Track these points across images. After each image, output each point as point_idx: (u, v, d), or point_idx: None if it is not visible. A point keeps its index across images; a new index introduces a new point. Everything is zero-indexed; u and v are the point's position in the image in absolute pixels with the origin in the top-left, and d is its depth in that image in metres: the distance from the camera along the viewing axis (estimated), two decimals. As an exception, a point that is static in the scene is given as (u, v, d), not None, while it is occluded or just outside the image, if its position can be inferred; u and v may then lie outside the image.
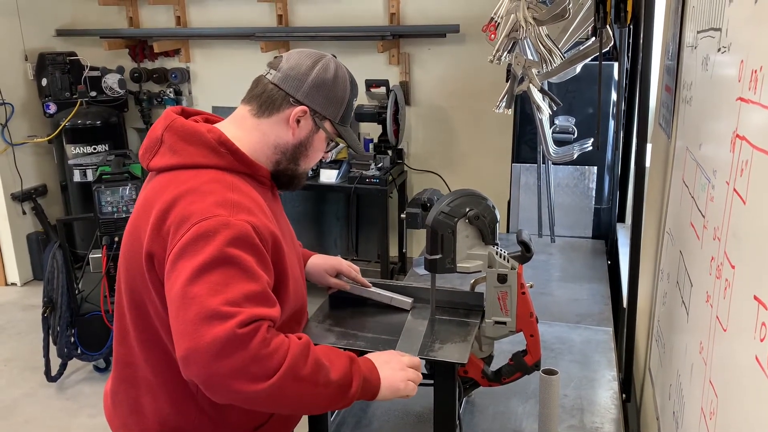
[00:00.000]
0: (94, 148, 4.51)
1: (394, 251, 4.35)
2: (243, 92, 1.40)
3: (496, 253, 1.39)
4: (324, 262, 1.64)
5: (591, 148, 2.25)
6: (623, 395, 1.77)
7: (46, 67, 4.59)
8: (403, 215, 2.22)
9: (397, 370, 1.28)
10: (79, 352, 3.40)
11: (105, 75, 4.70)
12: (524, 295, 1.40)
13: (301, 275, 1.48)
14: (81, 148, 4.50)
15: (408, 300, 1.58)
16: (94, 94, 4.65)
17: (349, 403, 1.24)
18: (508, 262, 1.38)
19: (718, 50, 1.08)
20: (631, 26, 2.30)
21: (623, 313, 2.10)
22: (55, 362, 3.40)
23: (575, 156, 2.25)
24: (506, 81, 1.93)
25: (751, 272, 0.77)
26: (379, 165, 4.09)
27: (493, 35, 1.83)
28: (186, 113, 1.39)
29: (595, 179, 2.87)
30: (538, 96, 1.93)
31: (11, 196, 4.61)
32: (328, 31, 4.34)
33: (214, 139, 1.30)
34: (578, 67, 2.07)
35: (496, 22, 1.83)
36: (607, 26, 1.71)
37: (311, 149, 1.40)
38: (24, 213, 4.70)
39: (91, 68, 4.71)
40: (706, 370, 0.97)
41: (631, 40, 2.57)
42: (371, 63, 4.36)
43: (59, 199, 4.96)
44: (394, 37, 4.22)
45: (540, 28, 1.77)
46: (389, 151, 4.18)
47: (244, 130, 1.36)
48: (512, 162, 3.05)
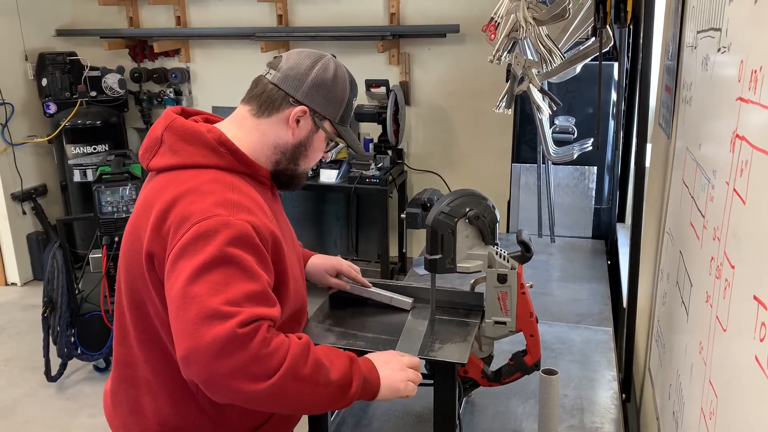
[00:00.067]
0: (94, 148, 4.51)
1: (394, 251, 4.35)
2: (243, 92, 1.40)
3: (496, 253, 1.39)
4: (324, 262, 1.64)
5: (591, 148, 2.25)
6: (623, 395, 1.77)
7: (46, 67, 4.60)
8: (403, 215, 2.22)
9: (397, 371, 1.28)
10: (79, 352, 3.40)
11: (105, 75, 4.70)
12: (524, 295, 1.40)
13: (301, 275, 1.48)
14: (81, 148, 4.50)
15: (408, 300, 1.58)
16: (94, 94, 4.65)
17: (349, 403, 1.24)
18: (508, 262, 1.38)
19: (718, 50, 1.08)
20: (631, 26, 2.30)
21: (623, 313, 2.10)
22: (55, 362, 3.40)
23: (575, 156, 2.25)
24: (506, 81, 1.93)
25: (751, 272, 0.77)
26: (379, 165, 4.08)
27: (493, 35, 1.83)
28: (186, 113, 1.39)
29: (595, 179, 2.87)
30: (538, 96, 1.93)
31: (11, 196, 4.61)
32: (328, 31, 4.34)
33: (214, 139, 1.30)
34: (578, 67, 2.07)
35: (496, 22, 1.83)
36: (607, 26, 1.71)
37: (311, 149, 1.40)
38: (24, 213, 4.70)
39: (91, 68, 4.71)
40: (706, 370, 0.97)
41: (631, 40, 2.57)
42: (371, 63, 4.36)
43: (59, 199, 4.96)
44: (394, 37, 4.22)
45: (540, 28, 1.77)
46: (389, 151, 4.18)
47: (244, 130, 1.36)
48: (512, 162, 3.05)
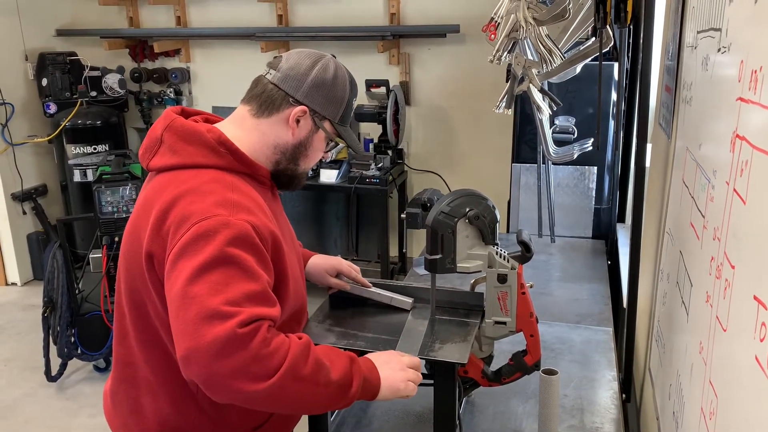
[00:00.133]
0: (95, 148, 4.51)
1: (394, 251, 4.35)
2: (243, 92, 1.40)
3: (496, 253, 1.39)
4: (324, 262, 1.64)
5: (591, 148, 2.25)
6: (623, 395, 1.77)
7: (46, 67, 4.60)
8: (403, 215, 2.22)
9: (397, 371, 1.28)
10: (79, 352, 3.40)
11: (105, 75, 4.70)
12: (524, 295, 1.40)
13: (301, 275, 1.48)
14: (81, 148, 4.50)
15: (408, 300, 1.58)
16: (94, 94, 4.65)
17: (349, 403, 1.24)
18: (508, 262, 1.38)
19: (718, 50, 1.08)
20: (631, 26, 2.30)
21: (623, 313, 2.10)
22: (55, 362, 3.40)
23: (575, 156, 2.25)
24: (506, 81, 1.93)
25: (751, 272, 0.77)
26: (379, 165, 4.08)
27: (493, 35, 1.83)
28: (186, 113, 1.39)
29: (595, 179, 2.87)
30: (538, 96, 1.93)
31: (11, 196, 4.61)
32: (328, 31, 4.34)
33: (214, 139, 1.30)
34: (578, 67, 2.07)
35: (496, 22, 1.83)
36: (607, 26, 1.71)
37: (311, 149, 1.40)
38: (24, 213, 4.70)
39: (92, 68, 4.71)
40: (706, 370, 0.97)
41: (631, 40, 2.57)
42: (371, 63, 4.36)
43: (59, 199, 4.96)
44: (394, 37, 4.22)
45: (540, 28, 1.76)
46: (389, 151, 4.18)
47: (244, 130, 1.36)
48: (512, 162, 3.05)
